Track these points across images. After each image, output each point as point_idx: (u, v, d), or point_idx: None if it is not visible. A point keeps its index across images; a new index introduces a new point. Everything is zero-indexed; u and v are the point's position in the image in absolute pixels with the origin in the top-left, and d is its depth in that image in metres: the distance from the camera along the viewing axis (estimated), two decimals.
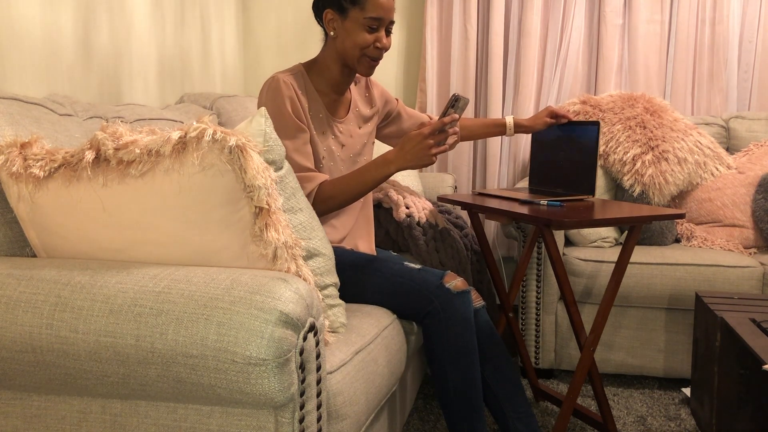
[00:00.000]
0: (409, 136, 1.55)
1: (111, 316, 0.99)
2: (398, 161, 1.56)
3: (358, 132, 1.79)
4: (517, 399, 1.65)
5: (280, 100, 1.58)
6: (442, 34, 2.95)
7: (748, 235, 2.39)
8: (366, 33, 1.60)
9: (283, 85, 1.58)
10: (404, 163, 1.56)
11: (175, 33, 2.40)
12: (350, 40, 1.61)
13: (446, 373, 1.56)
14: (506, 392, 1.65)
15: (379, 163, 1.59)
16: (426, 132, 1.53)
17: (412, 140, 1.54)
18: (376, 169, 1.59)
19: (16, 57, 1.63)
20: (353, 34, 1.60)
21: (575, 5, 2.80)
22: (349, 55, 1.63)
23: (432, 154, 1.54)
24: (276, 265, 1.10)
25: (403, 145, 1.56)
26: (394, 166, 1.57)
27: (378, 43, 1.62)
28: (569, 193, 2.00)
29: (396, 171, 1.58)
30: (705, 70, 2.80)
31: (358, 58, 1.63)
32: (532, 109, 2.88)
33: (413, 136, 1.54)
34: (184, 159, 1.04)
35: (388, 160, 1.58)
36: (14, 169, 1.12)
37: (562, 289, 1.85)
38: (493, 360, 1.67)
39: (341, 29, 1.62)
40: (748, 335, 1.46)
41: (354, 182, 1.60)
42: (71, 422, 1.08)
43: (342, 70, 1.69)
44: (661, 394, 2.24)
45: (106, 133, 1.09)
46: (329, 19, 1.62)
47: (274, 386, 0.96)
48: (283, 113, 1.58)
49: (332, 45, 1.66)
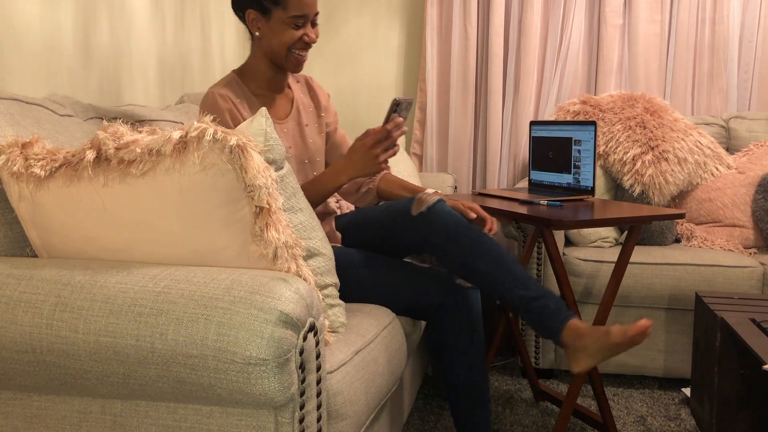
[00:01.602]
0: (355, 147, 1.58)
1: (111, 316, 0.99)
2: (348, 171, 1.59)
3: (305, 130, 1.78)
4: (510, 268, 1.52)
5: (219, 114, 1.59)
6: (442, 34, 2.95)
7: (748, 235, 2.39)
8: (292, 30, 1.60)
9: (219, 99, 1.60)
10: (354, 172, 1.58)
11: (175, 33, 2.40)
12: (277, 39, 1.61)
13: (456, 365, 1.61)
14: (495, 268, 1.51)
15: (330, 174, 1.61)
16: (369, 143, 1.55)
17: (358, 151, 1.57)
18: (328, 182, 1.61)
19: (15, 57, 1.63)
20: (279, 33, 1.61)
21: (575, 5, 2.80)
22: (277, 54, 1.64)
23: (380, 162, 1.56)
24: (276, 265, 1.10)
25: (351, 156, 1.59)
26: (345, 176, 1.59)
27: (306, 38, 1.63)
28: (569, 192, 2.00)
29: (347, 181, 1.60)
30: (705, 70, 2.80)
31: (286, 56, 1.64)
32: (532, 109, 2.88)
33: (358, 147, 1.57)
34: (185, 158, 1.04)
35: (338, 171, 1.60)
36: (15, 169, 1.12)
37: (562, 289, 1.85)
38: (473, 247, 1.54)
39: (266, 29, 1.62)
40: (748, 335, 1.46)
41: (309, 192, 1.62)
42: (71, 422, 1.08)
43: (272, 68, 1.69)
44: (661, 394, 2.24)
45: (107, 133, 1.09)
46: (252, 19, 1.63)
47: (274, 386, 0.96)
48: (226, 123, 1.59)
49: (258, 45, 1.67)
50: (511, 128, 2.91)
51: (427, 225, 1.53)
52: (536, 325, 1.50)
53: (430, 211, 1.53)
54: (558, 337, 1.46)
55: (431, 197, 1.55)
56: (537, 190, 2.11)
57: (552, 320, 1.46)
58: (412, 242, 1.61)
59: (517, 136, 2.89)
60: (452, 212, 1.55)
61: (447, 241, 1.52)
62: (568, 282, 1.85)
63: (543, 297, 1.48)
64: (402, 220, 1.58)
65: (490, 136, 2.90)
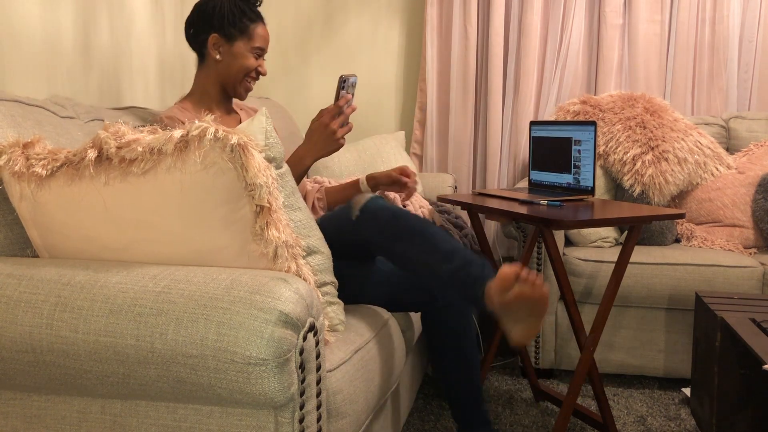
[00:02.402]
0: (313, 128, 1.61)
1: (111, 316, 1.00)
2: (311, 153, 1.61)
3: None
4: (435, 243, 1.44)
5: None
6: (442, 34, 2.95)
7: (748, 235, 2.39)
8: (252, 59, 1.73)
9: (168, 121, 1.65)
10: (316, 153, 1.61)
11: (176, 33, 2.40)
12: (237, 64, 1.72)
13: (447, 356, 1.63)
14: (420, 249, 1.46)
15: (294, 161, 1.62)
16: (326, 120, 1.58)
17: (317, 131, 1.60)
18: (293, 167, 1.62)
19: (16, 57, 1.63)
20: (240, 59, 1.72)
21: (575, 5, 2.80)
22: (233, 78, 1.73)
23: (338, 138, 1.60)
24: (276, 264, 1.10)
25: (310, 137, 1.61)
26: (308, 159, 1.61)
27: (260, 68, 1.76)
28: (569, 192, 2.00)
29: (311, 163, 1.62)
30: (705, 70, 2.80)
31: (241, 81, 1.74)
32: (533, 109, 2.88)
33: (316, 127, 1.60)
34: (186, 157, 1.05)
35: (301, 155, 1.62)
36: (17, 169, 1.12)
37: (562, 289, 1.85)
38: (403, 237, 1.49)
39: (227, 54, 1.72)
40: (748, 335, 1.46)
41: None
42: (71, 422, 1.09)
43: (221, 92, 1.77)
44: (661, 394, 2.24)
45: (109, 132, 1.09)
46: (214, 43, 1.71)
47: (274, 386, 0.96)
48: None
49: (213, 68, 1.74)
50: (511, 128, 2.91)
51: (365, 226, 1.50)
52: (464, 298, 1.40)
53: (363, 211, 1.51)
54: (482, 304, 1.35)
55: (363, 197, 1.52)
56: (537, 190, 2.11)
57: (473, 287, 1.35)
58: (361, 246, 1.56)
59: (517, 136, 2.89)
60: (385, 206, 1.50)
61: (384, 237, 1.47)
62: (568, 282, 1.85)
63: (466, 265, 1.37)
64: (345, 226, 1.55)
65: (490, 136, 2.90)
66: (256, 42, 1.72)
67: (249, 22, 1.71)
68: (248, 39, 1.72)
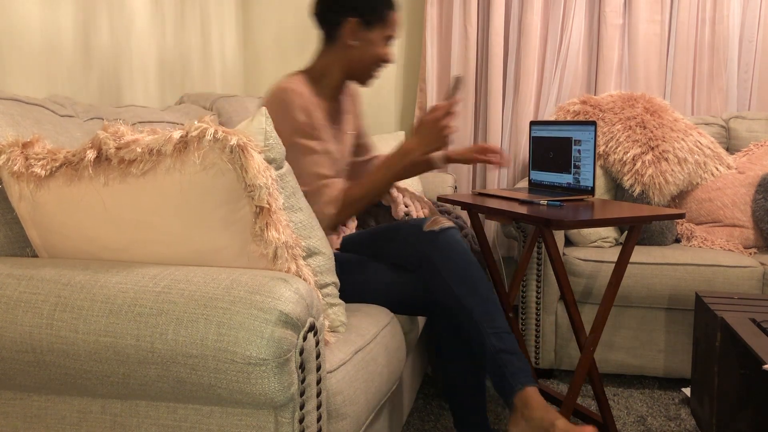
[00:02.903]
0: (424, 122, 1.61)
1: (111, 316, 1.00)
2: (418, 148, 1.62)
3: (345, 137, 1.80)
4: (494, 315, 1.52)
5: (296, 110, 1.56)
6: (442, 34, 2.95)
7: (748, 235, 2.39)
8: (386, 47, 1.66)
9: (292, 94, 1.57)
10: (424, 148, 1.61)
11: (175, 33, 2.40)
12: (372, 52, 1.65)
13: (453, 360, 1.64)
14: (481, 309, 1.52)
15: (401, 155, 1.62)
16: (440, 115, 1.59)
17: (427, 125, 1.60)
18: (399, 161, 1.62)
19: (16, 57, 1.63)
20: (376, 47, 1.65)
21: (575, 5, 2.80)
22: (365, 65, 1.66)
23: (446, 135, 1.60)
24: (276, 265, 1.10)
25: (419, 131, 1.61)
26: (415, 153, 1.62)
27: (389, 58, 1.69)
28: (569, 192, 2.00)
29: (418, 158, 1.62)
30: (705, 70, 2.80)
31: (371, 70, 1.68)
32: (532, 109, 2.88)
33: (428, 121, 1.60)
34: (186, 158, 1.04)
35: (408, 149, 1.62)
36: (16, 168, 1.12)
37: (562, 289, 1.85)
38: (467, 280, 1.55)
39: (364, 41, 1.64)
40: (748, 335, 1.46)
41: (379, 179, 1.63)
42: (71, 422, 1.09)
43: (342, 78, 1.70)
44: (661, 394, 2.24)
45: (108, 133, 1.09)
46: (351, 28, 1.63)
47: (274, 386, 0.96)
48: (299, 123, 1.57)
49: (343, 52, 1.66)
50: (511, 128, 2.91)
51: (433, 243, 1.52)
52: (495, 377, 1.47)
53: (441, 231, 1.53)
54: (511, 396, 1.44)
55: (447, 222, 1.56)
56: (537, 190, 2.11)
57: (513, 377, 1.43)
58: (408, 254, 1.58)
59: (517, 136, 2.89)
60: (461, 243, 1.54)
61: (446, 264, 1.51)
62: (568, 282, 1.85)
63: (513, 353, 1.46)
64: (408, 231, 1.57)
65: (490, 136, 2.90)
66: (391, 30, 1.66)
67: (389, 10, 1.64)
68: (384, 26, 1.64)
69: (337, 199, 1.61)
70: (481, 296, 1.50)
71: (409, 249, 1.57)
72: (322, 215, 1.59)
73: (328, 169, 1.61)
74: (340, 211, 1.62)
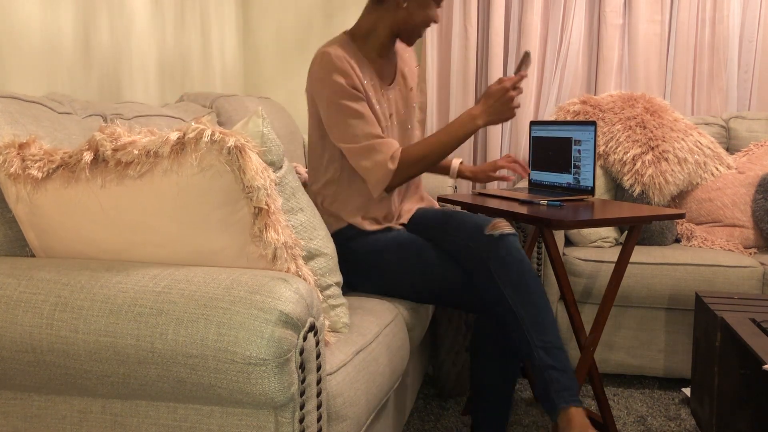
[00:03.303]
0: (491, 91, 1.61)
1: (111, 316, 0.99)
2: (484, 116, 1.62)
3: (406, 97, 1.78)
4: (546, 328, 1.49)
5: (336, 73, 1.56)
6: (442, 34, 2.95)
7: (748, 235, 2.39)
8: (435, 8, 1.67)
9: (336, 59, 1.57)
10: (489, 116, 1.62)
11: (175, 33, 2.40)
12: (423, 13, 1.65)
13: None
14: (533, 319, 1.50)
15: (465, 120, 1.62)
16: (508, 85, 1.59)
17: (495, 94, 1.60)
18: (462, 126, 1.63)
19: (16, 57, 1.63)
20: (427, 8, 1.65)
21: (575, 5, 2.80)
22: (413, 26, 1.66)
23: (513, 107, 1.60)
24: (276, 266, 1.10)
25: (487, 100, 1.61)
26: (481, 120, 1.62)
27: (437, 19, 1.69)
28: (569, 192, 2.00)
29: (483, 125, 1.63)
30: (705, 70, 2.80)
31: (419, 31, 1.68)
32: (532, 109, 2.88)
33: (496, 90, 1.60)
34: (183, 160, 1.04)
35: (474, 115, 1.62)
36: (12, 170, 1.12)
37: (562, 289, 1.85)
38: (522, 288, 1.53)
39: (414, 2, 1.64)
40: (748, 335, 1.46)
41: (442, 140, 1.62)
42: (71, 422, 1.09)
43: (390, 37, 1.70)
44: (661, 394, 2.24)
45: (105, 134, 1.08)
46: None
47: (274, 386, 0.96)
48: (342, 87, 1.56)
49: (392, 13, 1.65)
50: (511, 128, 2.91)
51: (492, 247, 1.51)
52: (541, 392, 1.47)
53: (501, 237, 1.52)
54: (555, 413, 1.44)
55: (507, 228, 1.55)
56: (537, 190, 2.11)
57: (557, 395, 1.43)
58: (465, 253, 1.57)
59: (517, 136, 2.89)
60: (520, 250, 1.53)
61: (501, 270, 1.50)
62: (568, 282, 1.85)
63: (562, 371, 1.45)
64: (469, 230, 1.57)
65: (490, 136, 2.90)
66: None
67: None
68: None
69: (396, 156, 1.59)
70: (534, 305, 1.48)
71: (468, 249, 1.55)
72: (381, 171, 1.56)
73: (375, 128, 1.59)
74: (398, 168, 1.60)
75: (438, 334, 2.18)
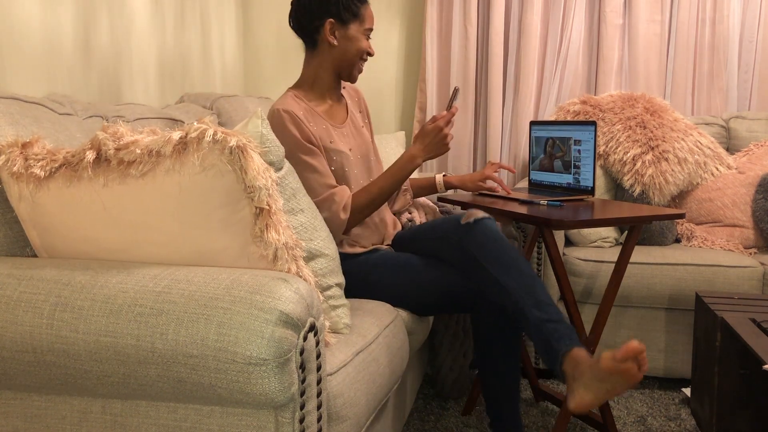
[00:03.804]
0: (427, 130, 1.74)
1: (111, 316, 0.99)
2: (422, 154, 1.75)
3: (361, 134, 1.86)
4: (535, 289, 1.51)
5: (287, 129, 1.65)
6: (442, 34, 2.95)
7: (749, 235, 2.39)
8: (365, 40, 1.77)
9: (285, 115, 1.65)
10: (426, 154, 1.75)
11: (175, 33, 2.40)
12: (354, 47, 1.75)
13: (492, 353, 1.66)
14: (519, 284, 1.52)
15: (405, 161, 1.74)
16: (442, 124, 1.72)
17: (430, 133, 1.73)
18: (402, 169, 1.74)
19: (16, 57, 1.63)
20: (356, 42, 1.75)
21: (575, 5, 2.80)
22: (348, 62, 1.76)
23: (447, 143, 1.74)
24: (276, 266, 1.10)
25: (423, 139, 1.74)
26: (420, 159, 1.74)
27: (370, 49, 1.78)
28: (569, 192, 2.00)
29: (421, 163, 1.75)
30: (705, 70, 2.80)
31: (356, 64, 1.77)
32: (532, 109, 2.88)
33: (431, 130, 1.73)
34: (185, 159, 1.04)
35: (413, 155, 1.75)
36: (15, 169, 1.12)
37: (562, 289, 1.85)
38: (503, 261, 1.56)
39: (343, 38, 1.74)
40: (748, 335, 1.46)
41: (386, 185, 1.74)
42: (71, 422, 1.09)
43: (334, 78, 1.79)
44: (661, 394, 2.24)
45: (107, 133, 1.09)
46: (330, 29, 1.72)
47: (275, 386, 0.96)
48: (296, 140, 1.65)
49: (328, 54, 1.75)
50: (511, 128, 2.91)
51: (470, 233, 1.58)
52: (542, 347, 1.47)
53: (476, 223, 1.59)
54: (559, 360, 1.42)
55: (480, 213, 1.63)
56: (537, 190, 2.11)
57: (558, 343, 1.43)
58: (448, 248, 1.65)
59: (517, 136, 2.89)
60: (497, 231, 1.59)
61: (481, 250, 1.56)
62: (568, 282, 1.86)
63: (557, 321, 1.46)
64: (446, 227, 1.66)
65: (490, 136, 2.90)
66: (366, 23, 1.75)
67: (360, 4, 1.74)
68: (360, 21, 1.74)
69: (348, 206, 1.68)
70: (518, 271, 1.52)
71: (448, 243, 1.64)
72: (336, 222, 1.67)
73: (330, 178, 1.69)
74: (350, 217, 1.70)
75: (435, 340, 2.18)
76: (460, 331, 2.17)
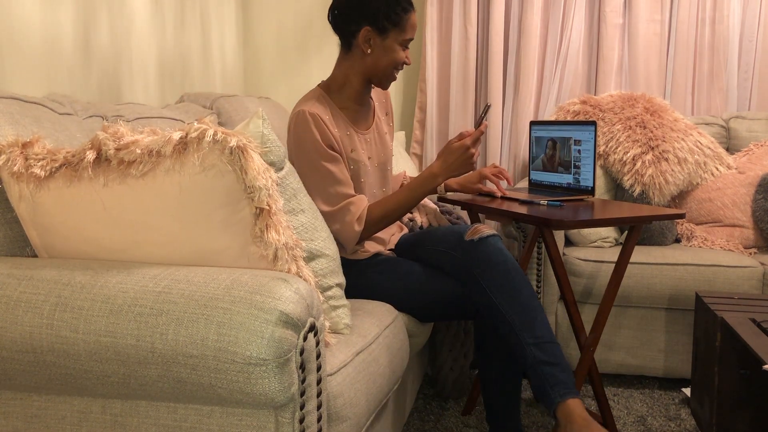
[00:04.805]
0: (452, 149, 1.65)
1: (111, 316, 0.99)
2: (444, 173, 1.67)
3: (384, 138, 1.82)
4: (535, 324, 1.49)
5: (311, 132, 1.59)
6: (442, 34, 2.95)
7: (749, 235, 2.39)
8: (402, 51, 1.67)
9: (311, 117, 1.59)
10: (449, 173, 1.66)
11: (175, 33, 2.40)
12: (388, 58, 1.66)
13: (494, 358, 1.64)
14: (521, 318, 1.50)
15: (426, 178, 1.67)
16: (469, 143, 1.63)
17: (455, 152, 1.65)
18: (422, 185, 1.67)
19: (16, 57, 1.63)
20: (392, 53, 1.66)
21: (575, 5, 2.80)
22: (381, 71, 1.68)
23: (473, 163, 1.65)
24: (277, 266, 1.10)
25: (447, 158, 1.66)
26: (441, 178, 1.67)
27: (407, 60, 1.70)
28: (569, 192, 2.00)
29: (442, 182, 1.67)
30: (705, 70, 2.80)
31: (390, 74, 1.69)
32: (532, 109, 2.88)
33: (456, 148, 1.65)
34: (185, 159, 1.04)
35: (435, 174, 1.66)
36: (15, 169, 1.12)
37: (562, 289, 1.85)
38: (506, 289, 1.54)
39: (379, 47, 1.65)
40: (748, 335, 1.46)
41: (403, 200, 1.67)
42: (71, 422, 1.09)
43: (365, 84, 1.72)
44: (661, 394, 2.24)
45: (107, 133, 1.09)
46: (366, 37, 1.64)
47: (275, 386, 0.96)
48: (318, 146, 1.60)
49: (360, 60, 1.68)
50: (511, 128, 2.91)
51: (474, 252, 1.54)
52: (537, 389, 1.47)
53: (480, 241, 1.55)
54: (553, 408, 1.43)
55: (487, 230, 1.58)
56: (537, 190, 2.11)
57: (553, 390, 1.43)
58: (449, 262, 1.61)
59: (517, 136, 2.89)
60: (503, 250, 1.55)
61: (484, 273, 1.52)
62: (568, 282, 1.86)
63: (556, 365, 1.45)
64: (450, 241, 1.61)
65: (490, 136, 2.90)
66: (408, 34, 1.66)
67: (403, 13, 1.64)
68: (401, 31, 1.65)
69: (363, 217, 1.63)
70: (521, 305, 1.49)
71: (451, 258, 1.59)
72: (350, 233, 1.62)
73: (348, 187, 1.64)
74: (364, 229, 1.65)
75: (436, 341, 2.18)
76: (461, 331, 2.17)
